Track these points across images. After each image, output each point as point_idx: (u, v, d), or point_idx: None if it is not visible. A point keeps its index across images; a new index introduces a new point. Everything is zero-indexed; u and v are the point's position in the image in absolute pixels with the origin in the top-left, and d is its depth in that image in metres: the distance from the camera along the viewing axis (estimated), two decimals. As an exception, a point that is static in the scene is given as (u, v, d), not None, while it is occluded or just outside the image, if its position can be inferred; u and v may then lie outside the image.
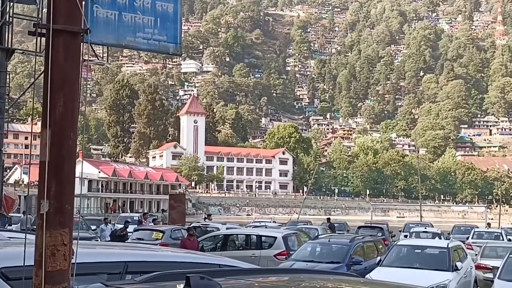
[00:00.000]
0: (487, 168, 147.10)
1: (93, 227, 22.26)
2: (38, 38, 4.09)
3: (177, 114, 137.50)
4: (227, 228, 21.25)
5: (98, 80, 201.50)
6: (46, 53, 3.70)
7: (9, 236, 5.84)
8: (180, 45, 4.25)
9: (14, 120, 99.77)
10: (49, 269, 3.46)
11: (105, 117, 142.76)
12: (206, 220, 29.64)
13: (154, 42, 4.12)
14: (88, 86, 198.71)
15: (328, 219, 32.26)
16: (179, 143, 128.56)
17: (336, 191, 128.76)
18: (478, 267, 15.18)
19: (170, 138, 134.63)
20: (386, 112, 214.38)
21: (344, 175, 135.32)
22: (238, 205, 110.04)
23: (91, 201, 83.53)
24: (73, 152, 3.72)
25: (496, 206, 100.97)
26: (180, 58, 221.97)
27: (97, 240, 18.75)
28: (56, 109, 3.63)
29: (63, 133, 3.62)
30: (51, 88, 3.62)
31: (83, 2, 3.88)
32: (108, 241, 18.79)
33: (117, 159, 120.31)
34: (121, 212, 65.71)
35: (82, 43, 3.87)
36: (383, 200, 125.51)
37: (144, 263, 4.35)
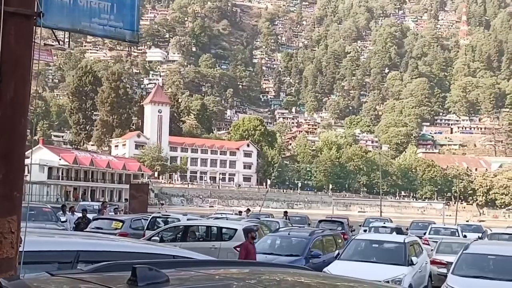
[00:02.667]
0: (447, 166, 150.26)
1: (62, 219, 21.03)
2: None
3: (141, 103, 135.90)
4: (188, 219, 21.14)
5: (61, 66, 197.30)
6: (-3, 35, 3.59)
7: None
8: (137, 32, 4.19)
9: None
10: (-5, 257, 3.38)
11: (67, 104, 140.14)
12: (161, 208, 29.70)
13: (110, 28, 4.04)
14: (50, 71, 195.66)
15: (285, 212, 32.65)
16: (143, 133, 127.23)
17: (299, 184, 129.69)
18: (433, 262, 15.53)
19: (133, 127, 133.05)
20: (350, 108, 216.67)
21: (308, 169, 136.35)
22: (201, 196, 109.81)
23: (51, 188, 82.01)
24: (23, 138, 3.63)
25: (454, 203, 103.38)
26: (145, 46, 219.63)
27: None
28: (6, 94, 3.54)
29: (13, 119, 3.53)
30: (1, 72, 3.52)
31: (37, -16, 3.78)
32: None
33: (78, 147, 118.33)
34: (81, 200, 64.72)
35: (34, 27, 3.77)
36: (345, 195, 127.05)
37: (97, 252, 4.29)
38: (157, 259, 4.28)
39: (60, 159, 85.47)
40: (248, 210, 35.86)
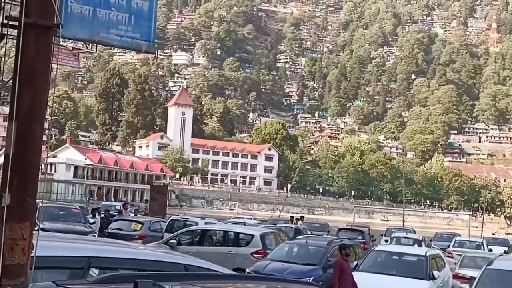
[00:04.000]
0: (475, 176, 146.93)
1: (91, 221, 20.53)
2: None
3: (166, 105, 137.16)
4: (205, 223, 21.24)
5: (90, 68, 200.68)
6: (17, 46, 3.68)
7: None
8: (153, 43, 4.25)
9: (5, 104, 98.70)
10: (7, 263, 3.45)
11: (95, 105, 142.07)
12: (181, 209, 29.74)
13: (127, 39, 4.12)
14: (80, 73, 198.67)
15: (292, 217, 32.25)
16: (166, 134, 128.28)
17: (321, 190, 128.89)
18: (456, 276, 15.15)
19: (157, 128, 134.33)
20: (375, 114, 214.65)
21: (330, 174, 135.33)
22: (221, 199, 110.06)
23: (76, 187, 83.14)
24: (39, 145, 3.71)
25: (481, 215, 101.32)
26: (172, 50, 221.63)
27: (94, 236, 17.34)
28: (24, 102, 3.62)
29: (29, 127, 3.61)
30: (19, 81, 3.61)
31: (57, -4, 3.86)
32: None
33: (104, 147, 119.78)
34: (104, 200, 65.47)
35: (54, 37, 3.86)
36: (368, 202, 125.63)
37: (108, 259, 4.34)
38: (168, 268, 4.32)
39: (85, 159, 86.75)
40: (302, 217, 32.38)
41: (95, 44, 5.46)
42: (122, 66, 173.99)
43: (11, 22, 3.80)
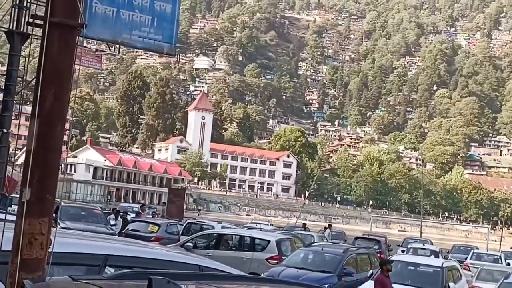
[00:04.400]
0: (495, 189, 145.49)
1: (113, 222, 20.35)
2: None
3: (186, 109, 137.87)
4: (222, 227, 21.28)
5: (112, 70, 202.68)
6: (41, 44, 3.76)
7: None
8: (175, 45, 4.30)
9: (28, 103, 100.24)
10: (25, 257, 3.51)
11: (116, 107, 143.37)
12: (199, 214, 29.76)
13: (149, 41, 4.17)
14: (102, 75, 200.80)
15: (304, 224, 32.27)
16: (185, 138, 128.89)
17: (338, 199, 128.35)
18: (472, 289, 15.05)
19: (177, 132, 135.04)
20: (395, 124, 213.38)
21: (348, 183, 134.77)
22: (238, 204, 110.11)
23: (95, 188, 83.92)
24: (60, 143, 3.77)
25: (500, 228, 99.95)
26: (193, 54, 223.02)
27: None
28: (46, 100, 3.69)
29: (50, 124, 3.67)
30: (42, 79, 3.67)
31: (82, -3, 3.94)
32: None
33: (123, 149, 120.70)
34: (122, 202, 65.96)
35: (77, 37, 3.92)
36: (386, 212, 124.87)
37: (125, 257, 4.37)
38: (183, 268, 4.34)
39: (105, 160, 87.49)
40: (330, 226, 32.41)
41: (117, 46, 5.54)
42: (144, 69, 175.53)
43: (36, 21, 3.88)
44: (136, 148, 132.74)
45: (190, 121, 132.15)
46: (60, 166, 3.92)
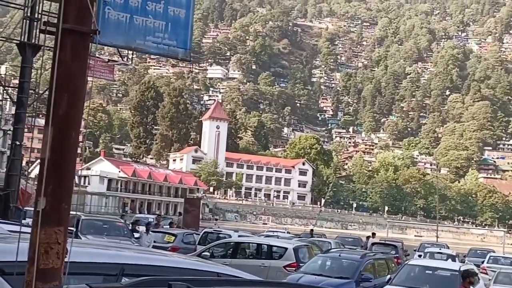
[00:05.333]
0: (510, 192, 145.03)
1: (136, 235, 19.38)
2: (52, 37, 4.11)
3: (200, 119, 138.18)
4: (239, 236, 21.19)
5: (125, 81, 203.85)
6: (54, 51, 3.73)
7: (9, 229, 5.86)
8: (190, 50, 4.25)
9: (40, 115, 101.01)
10: (42, 267, 3.46)
11: (129, 118, 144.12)
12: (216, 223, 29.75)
13: (163, 47, 4.13)
14: (115, 86, 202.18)
15: (311, 230, 32.50)
16: (200, 148, 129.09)
17: (354, 205, 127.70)
18: (490, 292, 14.93)
19: (191, 142, 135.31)
20: (409, 129, 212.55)
21: (363, 190, 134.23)
22: (254, 213, 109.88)
23: (110, 200, 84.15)
24: (74, 151, 3.73)
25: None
26: (207, 63, 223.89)
27: None
28: (60, 107, 3.65)
29: (65, 132, 3.63)
30: (56, 86, 3.64)
31: (95, 3, 3.90)
32: None
33: (138, 160, 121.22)
34: (137, 213, 66.05)
35: (91, 44, 3.89)
36: (401, 218, 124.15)
37: (142, 266, 4.32)
38: (201, 275, 4.28)
39: (119, 172, 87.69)
40: (374, 234, 32.51)
41: (130, 57, 5.53)
42: (157, 80, 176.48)
43: (49, 28, 3.85)
44: (151, 158, 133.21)
45: (204, 130, 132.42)
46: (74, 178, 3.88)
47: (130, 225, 23.97)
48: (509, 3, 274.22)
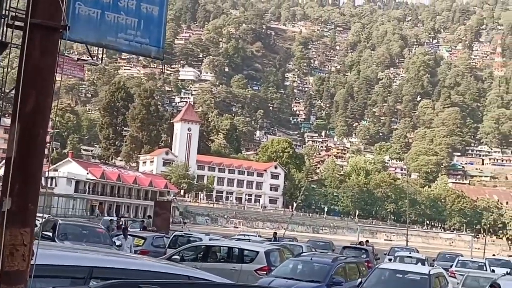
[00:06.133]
0: (477, 197, 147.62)
1: (117, 243, 18.25)
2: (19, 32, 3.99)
3: (172, 121, 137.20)
4: (210, 239, 21.05)
5: (94, 81, 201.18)
6: (22, 46, 3.61)
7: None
8: (163, 49, 4.17)
9: (6, 115, 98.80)
10: (6, 269, 3.34)
11: (98, 118, 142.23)
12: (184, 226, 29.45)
13: (136, 44, 4.04)
14: (84, 86, 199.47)
15: (275, 233, 32.81)
16: (171, 150, 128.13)
17: (326, 209, 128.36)
18: (458, 296, 15.13)
19: (162, 144, 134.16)
20: (381, 134, 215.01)
21: (335, 194, 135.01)
22: (226, 216, 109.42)
23: (77, 202, 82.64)
24: (42, 150, 3.60)
25: (484, 236, 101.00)
26: (179, 65, 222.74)
27: None
28: (27, 104, 3.53)
29: (32, 129, 3.51)
30: (23, 82, 3.52)
31: (65, -2, 3.80)
32: None
33: (107, 162, 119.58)
34: (105, 215, 65.14)
35: (60, 40, 3.78)
36: (372, 222, 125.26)
37: (111, 269, 4.22)
38: (171, 279, 4.20)
39: (87, 173, 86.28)
40: (367, 241, 33.02)
41: (100, 56, 5.37)
42: (127, 80, 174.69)
43: (16, 23, 3.74)
44: (120, 160, 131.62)
45: (176, 132, 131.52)
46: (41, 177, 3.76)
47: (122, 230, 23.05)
48: (479, 11, 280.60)
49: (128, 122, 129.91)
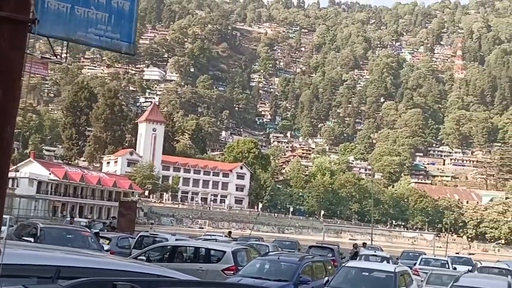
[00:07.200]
0: (439, 197, 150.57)
1: (106, 247, 17.47)
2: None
3: (136, 121, 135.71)
4: (176, 239, 20.90)
5: (57, 80, 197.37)
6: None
7: None
8: (134, 44, 4.11)
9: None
10: (-29, 269, 3.24)
11: (61, 118, 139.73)
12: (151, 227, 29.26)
13: (106, 39, 3.98)
14: (46, 85, 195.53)
15: (229, 232, 33.20)
16: (136, 150, 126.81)
17: (291, 209, 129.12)
18: (422, 293, 15.40)
19: (126, 144, 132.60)
20: (345, 135, 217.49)
21: (300, 194, 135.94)
22: (191, 217, 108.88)
23: (39, 203, 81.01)
24: (8, 147, 3.51)
25: (445, 235, 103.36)
26: (144, 65, 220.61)
27: None
28: (-6, 100, 3.43)
29: (-1, 126, 3.42)
30: (-10, 77, 3.42)
31: (34, -9, 3.71)
32: None
33: (69, 162, 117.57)
34: (68, 216, 64.06)
35: (29, 34, 3.69)
36: (337, 222, 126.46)
37: (78, 268, 4.14)
38: (141, 277, 4.15)
39: (50, 174, 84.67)
40: (365, 244, 33.79)
41: (64, 54, 5.26)
42: (91, 80, 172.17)
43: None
44: (83, 161, 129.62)
45: (140, 133, 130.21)
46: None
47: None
48: (440, 15, 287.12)
49: (91, 122, 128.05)
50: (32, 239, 13.98)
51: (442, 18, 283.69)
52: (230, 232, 34.75)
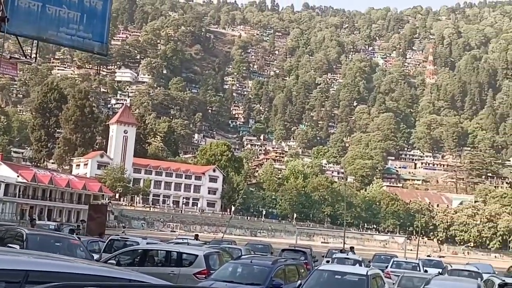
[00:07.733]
0: (410, 200, 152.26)
1: (95, 256, 16.94)
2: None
3: (107, 123, 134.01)
4: (147, 243, 20.67)
5: (26, 81, 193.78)
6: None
7: None
8: (106, 44, 4.06)
9: None
10: None
11: (30, 120, 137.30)
12: (123, 231, 28.96)
13: (78, 39, 3.92)
14: (15, 86, 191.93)
15: (196, 235, 33.59)
16: (107, 153, 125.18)
17: (264, 212, 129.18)
18: (394, 295, 15.52)
19: (97, 146, 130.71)
20: (318, 138, 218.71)
21: (273, 197, 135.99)
22: (162, 220, 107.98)
23: (6, 206, 79.38)
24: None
25: (416, 238, 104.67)
26: (115, 66, 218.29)
27: None
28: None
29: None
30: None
31: (3, -12, 3.62)
32: None
33: (38, 164, 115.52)
34: (37, 220, 62.89)
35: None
36: (309, 225, 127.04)
37: (48, 273, 4.04)
38: (112, 282, 4.07)
39: (18, 176, 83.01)
40: (352, 248, 34.48)
41: (33, 55, 5.13)
42: (61, 81, 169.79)
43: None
44: (52, 163, 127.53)
45: (111, 135, 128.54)
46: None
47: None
48: (412, 21, 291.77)
49: (61, 123, 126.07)
50: (18, 246, 13.36)
51: (414, 24, 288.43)
52: (197, 235, 34.39)
